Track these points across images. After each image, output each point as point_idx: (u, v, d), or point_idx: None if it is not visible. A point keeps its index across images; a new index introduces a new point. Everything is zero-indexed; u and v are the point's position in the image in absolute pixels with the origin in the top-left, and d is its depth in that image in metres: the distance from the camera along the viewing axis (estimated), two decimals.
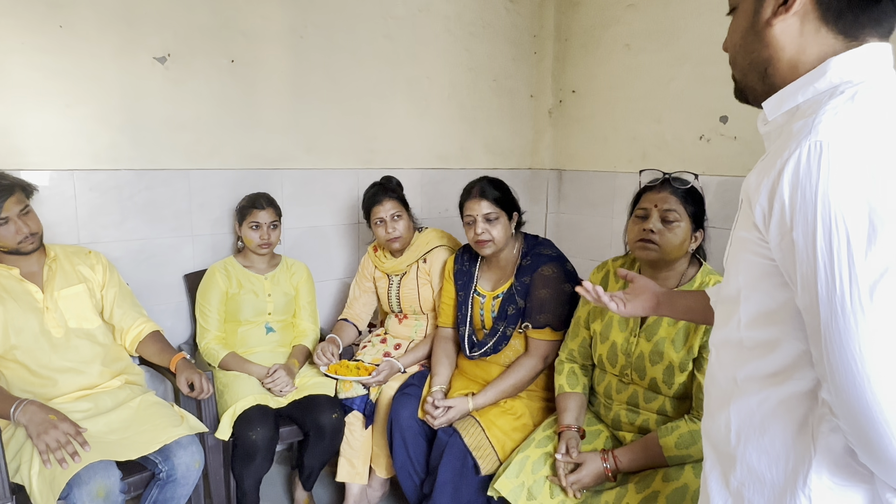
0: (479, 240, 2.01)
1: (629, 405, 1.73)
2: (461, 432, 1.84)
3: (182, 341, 2.44)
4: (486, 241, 2.00)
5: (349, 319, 2.46)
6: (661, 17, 2.82)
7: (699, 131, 2.74)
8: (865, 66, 0.76)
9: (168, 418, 1.84)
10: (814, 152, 0.68)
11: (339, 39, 2.65)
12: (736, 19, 0.86)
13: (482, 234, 2.00)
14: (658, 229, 1.60)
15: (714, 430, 0.92)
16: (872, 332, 0.66)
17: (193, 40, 2.30)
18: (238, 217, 2.32)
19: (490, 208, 2.00)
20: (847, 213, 0.66)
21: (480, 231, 2.00)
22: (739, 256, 0.83)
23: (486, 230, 2.00)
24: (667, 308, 1.30)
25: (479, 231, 2.00)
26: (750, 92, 0.87)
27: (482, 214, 2.00)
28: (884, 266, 0.65)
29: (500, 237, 2.01)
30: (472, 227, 2.03)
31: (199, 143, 2.39)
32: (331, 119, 2.69)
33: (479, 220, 2.00)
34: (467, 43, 3.06)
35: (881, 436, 0.67)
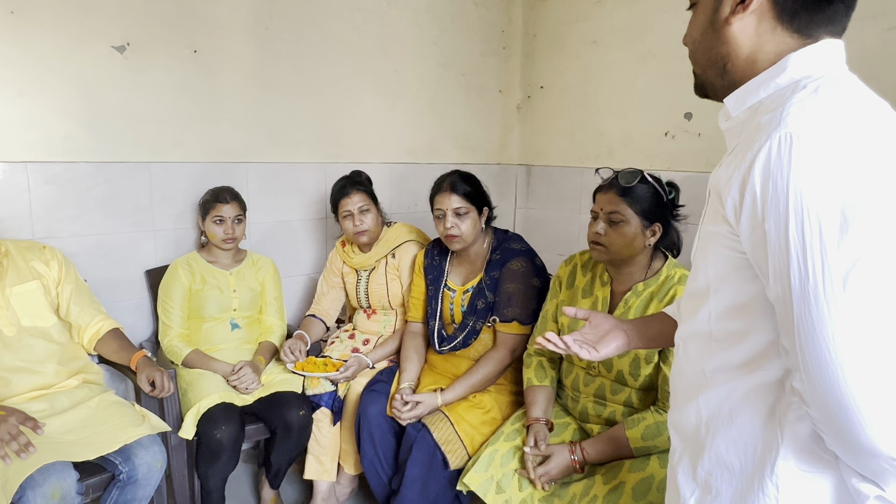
0: (448, 234, 2.00)
1: (596, 397, 1.74)
2: (430, 427, 1.84)
3: (144, 339, 2.38)
4: (455, 237, 2.00)
5: (317, 315, 2.43)
6: (628, 14, 2.85)
7: (664, 128, 2.78)
8: (823, 62, 0.78)
9: (128, 418, 1.79)
10: (784, 144, 0.69)
11: (305, 31, 2.61)
12: (696, 15, 0.88)
13: (451, 229, 1.99)
14: (605, 231, 1.62)
15: (682, 422, 0.93)
16: (845, 321, 0.66)
17: (154, 29, 2.24)
18: (201, 211, 2.27)
19: (460, 203, 2.00)
20: (819, 203, 0.67)
21: (450, 225, 1.99)
22: (708, 251, 0.84)
23: (456, 224, 1.99)
24: (637, 340, 1.19)
25: (448, 225, 1.99)
26: (709, 87, 0.89)
27: (452, 209, 1.99)
28: (856, 256, 0.66)
29: (468, 232, 2.01)
30: (441, 222, 2.02)
31: (160, 136, 2.32)
32: (297, 112, 2.65)
33: (449, 215, 2.00)
34: (436, 37, 3.04)
35: (852, 423, 0.68)
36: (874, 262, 0.66)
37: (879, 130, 0.70)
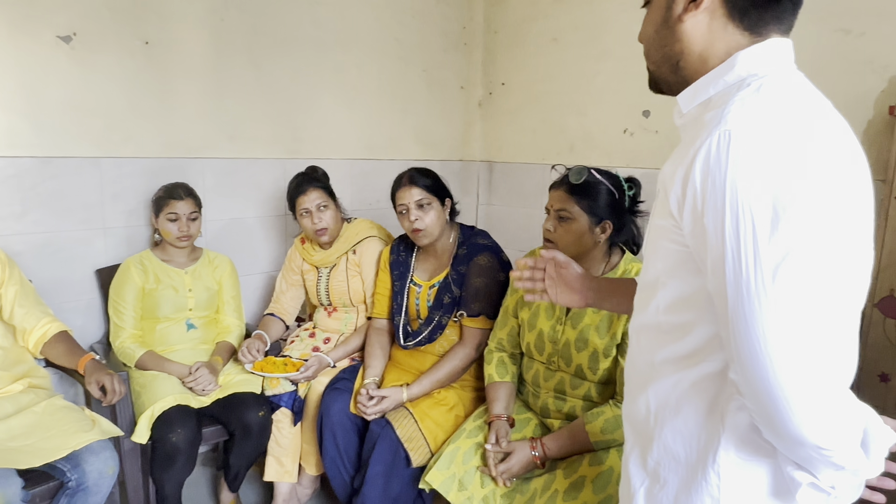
0: (414, 228, 2.00)
1: (556, 392, 1.76)
2: (394, 424, 1.83)
3: (95, 341, 2.29)
4: (421, 230, 1.99)
5: (276, 314, 2.39)
6: (587, 12, 2.88)
7: (623, 125, 2.82)
8: (769, 60, 0.79)
9: (77, 423, 1.73)
10: (723, 141, 0.71)
11: (263, 23, 2.55)
12: (650, 13, 0.89)
13: (416, 222, 1.99)
14: (554, 228, 1.64)
15: (634, 413, 0.94)
16: (775, 313, 0.68)
17: (102, 19, 2.15)
18: (154, 208, 2.20)
19: (421, 194, 2.00)
20: (753, 199, 0.69)
21: (414, 218, 1.99)
22: (657, 244, 0.85)
23: (420, 217, 1.99)
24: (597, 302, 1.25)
25: (412, 218, 1.99)
26: (663, 83, 0.90)
27: (414, 201, 1.99)
28: (786, 250, 0.68)
29: (433, 224, 2.01)
30: (406, 216, 2.01)
31: (110, 130, 2.24)
32: (255, 106, 2.59)
33: (412, 208, 1.99)
34: (397, 32, 3.02)
35: (781, 413, 0.70)
36: (803, 257, 0.68)
37: (815, 129, 0.72)
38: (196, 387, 2.02)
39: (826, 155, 0.70)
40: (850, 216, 0.72)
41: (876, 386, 2.04)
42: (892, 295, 1.99)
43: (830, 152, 0.71)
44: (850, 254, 0.72)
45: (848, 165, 0.73)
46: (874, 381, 2.04)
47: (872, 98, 2.13)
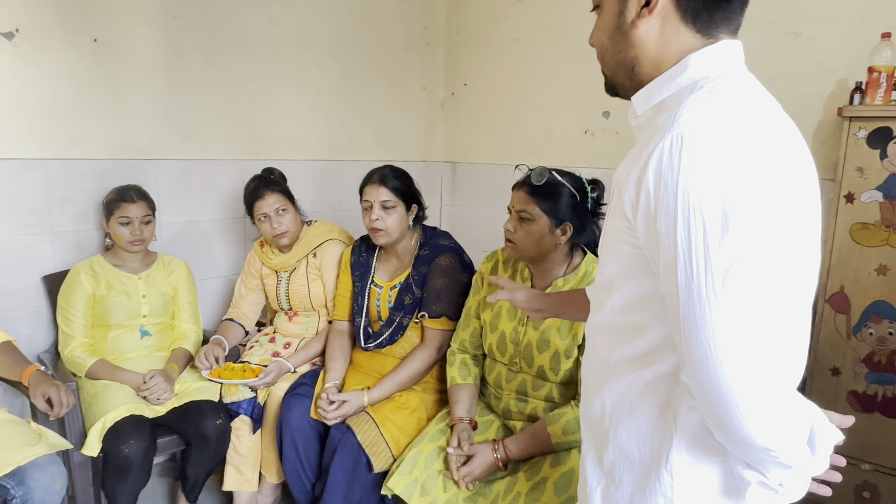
0: (373, 227, 1.97)
1: (518, 394, 1.76)
2: (354, 429, 1.80)
3: (42, 350, 2.20)
4: (380, 230, 1.97)
5: (235, 319, 2.33)
6: (548, 13, 2.90)
7: (584, 126, 2.84)
8: (721, 62, 0.80)
9: (22, 437, 1.65)
10: (675, 144, 0.71)
11: (218, 21, 2.49)
12: (601, 19, 0.88)
13: (376, 222, 1.97)
14: (514, 229, 1.65)
15: (590, 413, 0.95)
16: (724, 317, 0.69)
17: (47, 15, 2.07)
18: (105, 212, 2.12)
19: (388, 196, 1.98)
20: (704, 203, 0.69)
21: (375, 217, 1.97)
22: (612, 245, 0.85)
23: (381, 217, 1.97)
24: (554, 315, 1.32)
25: (373, 217, 1.97)
26: (619, 88, 0.90)
27: (379, 201, 1.97)
28: (735, 254, 0.68)
29: (393, 227, 1.98)
30: (368, 213, 1.99)
31: (57, 130, 2.15)
32: (212, 106, 2.52)
33: (376, 207, 1.97)
34: (358, 31, 2.98)
35: (730, 415, 0.70)
36: (752, 261, 0.68)
37: (765, 132, 0.73)
38: (150, 396, 1.96)
39: (775, 159, 0.71)
40: (799, 219, 0.73)
41: (828, 379, 2.10)
42: (842, 291, 2.04)
43: (779, 156, 0.72)
44: (798, 256, 0.73)
45: (796, 168, 0.74)
46: (826, 375, 2.10)
47: (822, 100, 2.19)
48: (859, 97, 1.98)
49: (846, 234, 2.01)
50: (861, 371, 2.04)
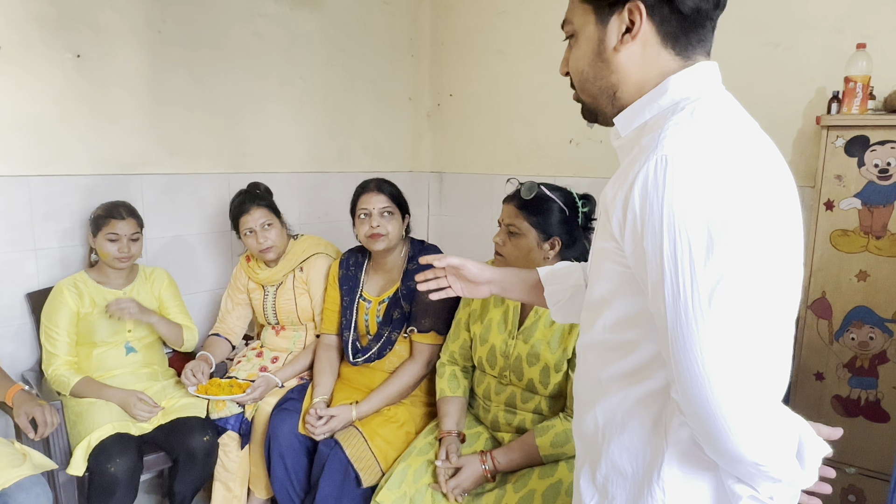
0: (374, 233, 1.98)
1: (507, 406, 1.76)
2: (343, 444, 1.79)
3: (26, 368, 2.18)
4: (381, 236, 1.98)
5: (221, 334, 2.32)
6: (531, 24, 2.92)
7: (569, 135, 2.87)
8: (699, 84, 0.82)
9: (6, 458, 1.63)
10: (660, 166, 0.72)
11: (202, 36, 2.49)
12: (578, 47, 0.88)
13: (378, 228, 1.97)
14: (503, 242, 1.66)
15: (583, 429, 0.95)
16: (711, 335, 0.70)
17: (29, 31, 2.06)
18: (92, 227, 2.10)
19: (387, 202, 2.01)
20: (689, 223, 0.70)
21: (376, 224, 1.98)
22: (601, 265, 0.86)
23: (382, 224, 1.98)
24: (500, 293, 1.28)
25: (374, 224, 1.98)
26: (600, 114, 0.91)
27: (380, 207, 1.99)
28: (720, 274, 0.69)
29: (393, 233, 2.01)
30: (366, 221, 2.00)
31: (40, 147, 2.14)
32: (197, 120, 2.52)
33: (375, 214, 1.99)
34: (343, 44, 2.99)
35: (721, 432, 0.71)
36: (737, 280, 0.69)
37: (747, 152, 0.74)
38: (136, 411, 1.94)
39: (757, 178, 0.72)
40: (782, 236, 0.74)
41: (812, 384, 2.13)
42: (824, 297, 2.07)
43: (761, 175, 0.73)
44: (782, 273, 0.74)
45: (778, 186, 0.76)
46: (810, 380, 2.13)
47: (801, 108, 2.22)
48: (836, 106, 2.01)
49: (826, 241, 2.04)
50: (844, 376, 2.07)
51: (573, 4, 0.89)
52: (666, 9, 0.80)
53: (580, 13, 0.87)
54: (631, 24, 0.81)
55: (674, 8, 0.79)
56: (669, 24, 0.81)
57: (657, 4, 0.80)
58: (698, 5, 0.79)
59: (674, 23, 0.80)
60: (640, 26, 0.81)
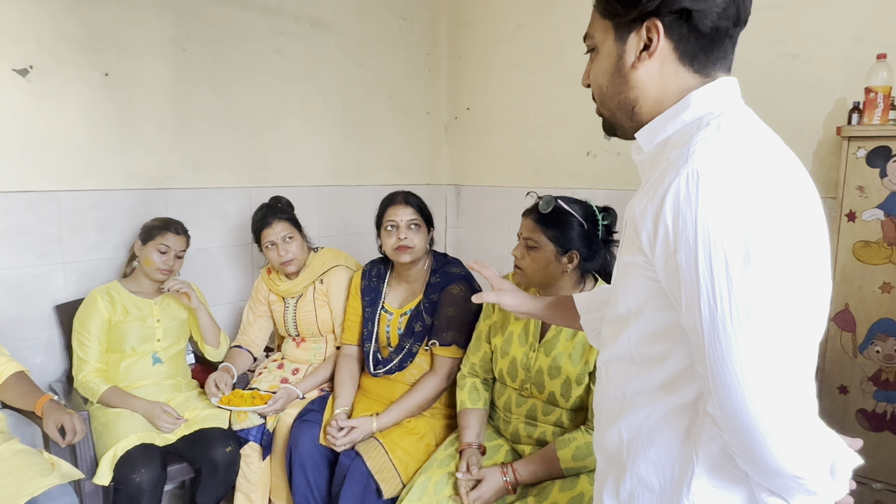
0: (402, 245, 2.00)
1: (528, 418, 1.76)
2: (363, 455, 1.80)
3: (54, 379, 2.23)
4: (409, 248, 2.00)
5: (243, 346, 2.35)
6: (549, 38, 2.95)
7: (586, 147, 2.88)
8: (721, 98, 0.82)
9: (36, 467, 1.66)
10: (692, 180, 0.72)
11: (225, 53, 2.54)
12: (598, 62, 0.90)
13: (405, 240, 1.99)
14: (522, 255, 1.67)
15: (606, 444, 0.95)
16: (750, 348, 0.70)
17: (60, 51, 2.13)
18: (143, 236, 2.16)
19: (414, 215, 2.03)
20: (724, 236, 0.70)
21: (404, 236, 1.99)
22: (627, 279, 0.86)
23: (409, 236, 2.00)
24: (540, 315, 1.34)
25: (402, 236, 1.99)
26: (619, 128, 0.92)
27: (406, 220, 2.01)
28: (758, 286, 0.69)
29: (420, 246, 2.02)
30: (393, 233, 2.02)
31: (69, 163, 2.20)
32: (219, 136, 2.57)
33: (402, 226, 2.01)
34: (361, 59, 3.04)
35: (760, 446, 0.71)
36: (775, 292, 0.69)
37: (774, 164, 0.75)
38: (160, 422, 1.97)
39: (787, 190, 0.73)
40: (812, 247, 0.74)
41: (836, 398, 2.10)
42: (847, 309, 2.05)
43: (790, 187, 0.74)
44: (814, 285, 0.74)
45: (805, 199, 0.76)
46: (834, 393, 2.10)
47: (821, 119, 2.22)
48: (857, 117, 2.00)
49: (849, 253, 2.02)
50: (869, 389, 2.04)
51: (595, 19, 0.90)
52: (684, 27, 0.80)
53: (601, 28, 0.88)
54: (649, 41, 0.82)
55: (692, 26, 0.80)
56: (688, 42, 0.81)
57: (675, 23, 0.80)
58: (716, 24, 0.80)
59: (692, 41, 0.81)
60: (657, 44, 0.82)
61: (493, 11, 3.16)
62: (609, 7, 0.85)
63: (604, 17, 0.87)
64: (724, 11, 0.79)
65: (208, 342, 2.25)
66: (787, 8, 2.24)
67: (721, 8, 0.79)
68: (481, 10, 3.21)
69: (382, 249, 2.13)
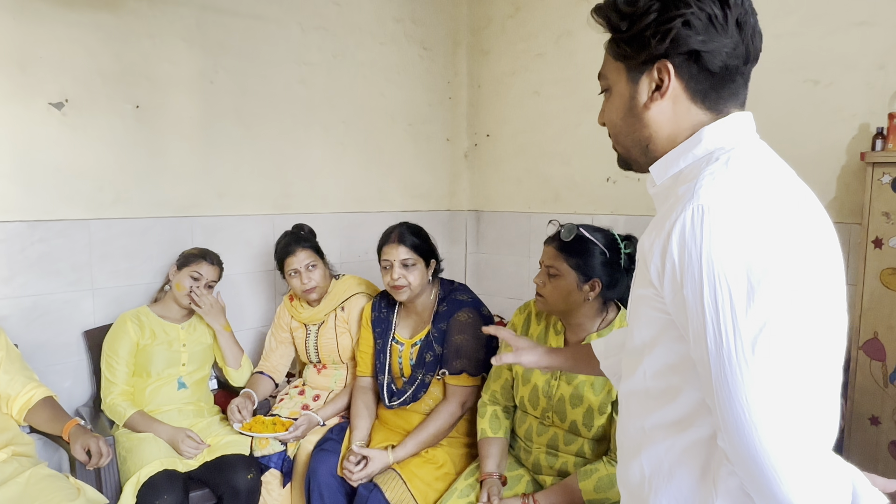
0: (395, 285, 2.00)
1: (549, 448, 1.74)
2: (382, 487, 1.79)
3: (81, 404, 2.27)
4: (402, 287, 2.00)
5: (265, 372, 2.36)
6: (568, 66, 2.98)
7: (606, 173, 2.88)
8: (733, 133, 0.84)
9: (62, 492, 1.68)
10: (697, 216, 0.74)
11: (251, 84, 2.61)
12: (612, 101, 0.92)
13: (398, 280, 1.99)
14: (543, 283, 1.67)
15: (628, 479, 0.94)
16: (756, 382, 0.70)
17: (94, 85, 2.21)
18: (180, 261, 2.24)
19: (407, 254, 2.01)
20: (728, 271, 0.71)
21: (397, 276, 1.99)
22: (640, 312, 0.87)
23: (403, 276, 1.99)
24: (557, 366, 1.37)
25: (395, 276, 1.99)
26: (634, 163, 0.94)
27: (399, 260, 2.00)
28: (763, 321, 0.70)
29: (416, 283, 2.01)
30: (388, 272, 2.02)
31: (100, 192, 2.27)
32: (244, 164, 2.63)
33: (396, 266, 2.00)
34: (383, 88, 3.10)
35: (770, 480, 0.70)
36: (780, 326, 0.70)
37: (782, 199, 0.76)
38: (184, 447, 1.99)
39: (794, 225, 0.73)
40: (822, 281, 0.74)
41: (867, 429, 2.04)
42: (876, 338, 2.01)
43: (798, 221, 0.74)
44: (825, 318, 0.74)
45: (815, 232, 0.76)
46: (865, 425, 2.05)
47: (844, 145, 2.20)
48: (881, 143, 1.98)
49: (876, 280, 1.98)
50: None
51: (607, 60, 0.92)
52: (694, 67, 0.82)
53: (613, 70, 0.90)
54: (660, 81, 0.84)
55: (702, 66, 0.82)
56: (698, 80, 0.83)
57: (685, 63, 0.82)
58: (726, 63, 0.81)
59: (703, 80, 0.83)
60: (668, 84, 0.83)
61: (512, 41, 3.20)
62: (620, 50, 0.87)
63: (616, 59, 0.89)
64: (733, 51, 0.81)
65: (230, 364, 2.28)
66: (807, 34, 2.24)
67: (730, 48, 0.81)
68: (501, 39, 3.26)
69: None
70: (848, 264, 2.17)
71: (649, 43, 0.82)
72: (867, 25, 2.14)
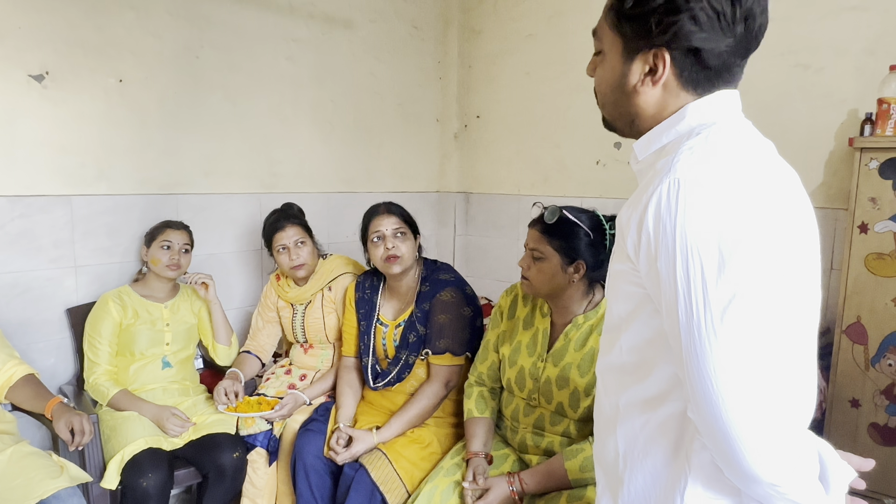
0: (390, 255, 1.97)
1: (535, 428, 1.75)
2: (367, 466, 1.79)
3: (64, 382, 2.24)
4: (397, 257, 1.97)
5: (252, 351, 2.35)
6: (558, 48, 2.95)
7: (595, 156, 2.87)
8: (717, 110, 0.83)
9: (45, 469, 1.67)
10: (672, 189, 0.74)
11: (237, 60, 2.57)
12: (603, 68, 0.90)
13: (393, 249, 1.97)
14: (528, 266, 1.67)
15: (604, 455, 0.95)
16: (724, 354, 0.71)
17: (76, 58, 2.15)
18: (147, 239, 2.20)
19: (399, 223, 2.00)
20: (700, 244, 0.72)
21: (391, 246, 1.97)
22: (617, 287, 0.87)
23: (397, 245, 1.97)
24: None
25: (389, 246, 1.97)
26: (618, 130, 0.94)
27: (392, 229, 1.98)
28: (732, 293, 0.70)
29: (408, 254, 2.00)
30: (380, 244, 1.99)
31: (83, 168, 2.22)
32: (230, 142, 2.59)
33: (389, 236, 1.98)
34: (372, 67, 3.06)
35: (735, 451, 0.72)
36: (749, 298, 0.70)
37: (759, 174, 0.76)
38: (169, 425, 1.98)
39: (768, 200, 0.74)
40: (795, 257, 0.75)
41: (847, 411, 2.08)
42: (859, 322, 2.03)
43: (773, 197, 0.75)
44: (796, 293, 0.75)
45: (790, 209, 0.77)
46: (845, 407, 2.08)
47: (832, 130, 2.20)
48: (870, 128, 1.99)
49: (861, 265, 2.00)
50: (881, 403, 2.02)
51: (604, 27, 0.89)
52: (691, 60, 0.81)
53: (609, 39, 0.88)
54: (655, 66, 0.83)
55: (699, 60, 0.81)
56: (692, 72, 0.82)
57: (682, 56, 0.81)
58: (725, 60, 0.81)
59: (697, 72, 0.82)
60: (662, 73, 0.82)
61: (503, 20, 3.17)
62: (620, 27, 0.85)
63: (612, 30, 0.87)
64: (733, 49, 0.80)
65: (220, 340, 2.26)
66: (798, 19, 2.23)
67: (731, 47, 0.80)
68: (492, 19, 3.22)
69: (372, 263, 2.10)
70: (833, 249, 2.19)
71: (651, 31, 0.81)
72: (858, 11, 2.14)
